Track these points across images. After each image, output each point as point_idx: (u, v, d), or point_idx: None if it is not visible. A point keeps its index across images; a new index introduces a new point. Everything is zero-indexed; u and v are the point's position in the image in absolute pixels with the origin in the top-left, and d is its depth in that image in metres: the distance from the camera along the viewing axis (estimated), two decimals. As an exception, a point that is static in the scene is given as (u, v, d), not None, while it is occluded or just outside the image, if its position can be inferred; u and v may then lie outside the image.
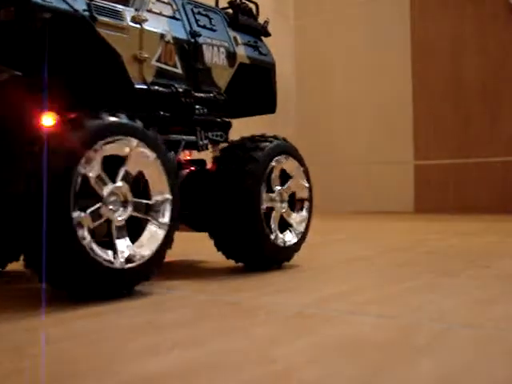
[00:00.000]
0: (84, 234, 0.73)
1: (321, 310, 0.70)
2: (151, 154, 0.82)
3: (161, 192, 0.84)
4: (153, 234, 0.83)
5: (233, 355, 0.51)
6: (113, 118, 0.78)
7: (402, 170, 3.99)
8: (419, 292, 0.83)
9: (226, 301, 0.77)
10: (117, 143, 0.78)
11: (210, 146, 1.12)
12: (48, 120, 0.77)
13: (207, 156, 1.14)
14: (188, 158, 1.15)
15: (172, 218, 0.85)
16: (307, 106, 4.71)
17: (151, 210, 0.83)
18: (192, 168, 1.09)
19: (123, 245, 0.79)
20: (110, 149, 0.77)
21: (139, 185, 0.83)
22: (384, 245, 1.57)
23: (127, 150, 0.79)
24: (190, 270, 1.10)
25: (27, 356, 0.51)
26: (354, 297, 0.79)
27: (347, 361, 0.49)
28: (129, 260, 0.78)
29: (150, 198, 0.83)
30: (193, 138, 1.06)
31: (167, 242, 0.84)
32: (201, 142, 1.07)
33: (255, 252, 1.02)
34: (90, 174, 0.74)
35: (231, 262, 1.07)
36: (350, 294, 0.81)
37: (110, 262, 0.75)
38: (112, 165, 0.79)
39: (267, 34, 1.28)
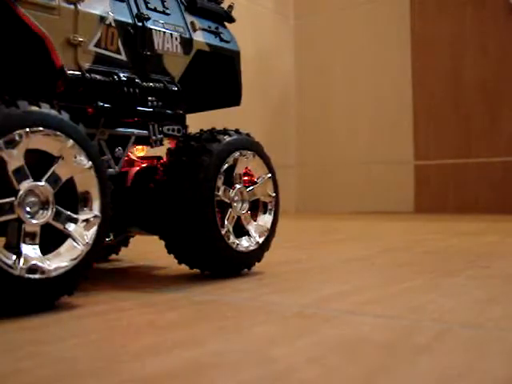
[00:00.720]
0: None
1: (321, 310, 0.70)
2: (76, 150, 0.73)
3: (85, 185, 0.74)
4: (71, 249, 0.72)
5: (233, 355, 0.51)
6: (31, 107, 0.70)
7: (402, 170, 3.99)
8: (419, 292, 0.83)
9: (225, 301, 0.77)
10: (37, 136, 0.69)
11: (165, 141, 1.03)
12: None
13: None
14: (141, 154, 1.07)
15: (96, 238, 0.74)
16: (307, 105, 4.71)
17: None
18: (142, 165, 1.00)
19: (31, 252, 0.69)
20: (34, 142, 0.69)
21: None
22: (384, 245, 1.58)
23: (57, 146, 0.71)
24: (190, 270, 1.10)
25: (27, 356, 0.51)
26: (354, 297, 0.79)
27: (347, 361, 0.49)
28: (34, 271, 0.67)
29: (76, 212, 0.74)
30: (145, 132, 0.98)
31: (86, 264, 0.73)
32: (154, 137, 1.00)
33: (217, 260, 0.93)
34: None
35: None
36: (350, 294, 0.81)
37: (10, 267, 0.65)
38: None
39: (231, 20, 1.17)
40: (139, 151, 1.05)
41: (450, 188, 4.02)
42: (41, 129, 0.69)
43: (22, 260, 0.67)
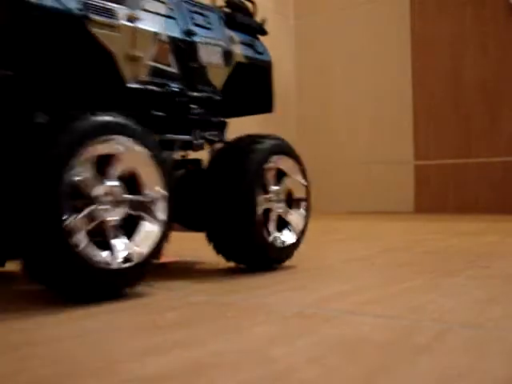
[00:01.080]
0: (79, 236, 0.73)
1: (321, 309, 0.70)
2: (144, 152, 0.82)
3: (155, 189, 0.83)
4: (149, 232, 0.82)
5: (233, 355, 0.51)
6: (106, 117, 0.78)
7: (402, 170, 3.99)
8: (419, 292, 0.83)
9: (225, 301, 0.77)
10: (109, 142, 0.77)
11: (205, 146, 1.08)
12: (39, 119, 0.77)
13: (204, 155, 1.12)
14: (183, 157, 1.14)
15: (168, 215, 0.84)
16: (307, 105, 4.71)
17: (139, 209, 0.82)
18: (188, 167, 1.08)
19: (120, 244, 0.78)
20: (103, 148, 0.77)
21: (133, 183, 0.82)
22: (384, 245, 1.57)
23: (120, 148, 0.79)
24: (190, 271, 1.10)
25: (27, 356, 0.51)
26: (354, 297, 0.79)
27: (347, 361, 0.49)
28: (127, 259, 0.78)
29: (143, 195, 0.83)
30: (188, 137, 1.04)
31: (164, 239, 0.84)
32: (196, 142, 1.06)
33: (260, 255, 1.01)
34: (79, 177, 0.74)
35: (231, 262, 1.07)
36: (350, 294, 0.81)
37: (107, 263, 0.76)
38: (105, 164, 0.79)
39: (264, 33, 1.26)
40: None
41: (449, 188, 4.02)
42: (115, 136, 0.78)
43: (116, 254, 0.77)
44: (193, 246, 1.47)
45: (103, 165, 0.78)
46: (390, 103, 4.17)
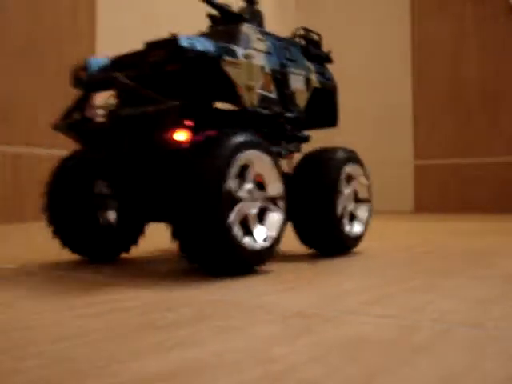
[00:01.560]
0: (236, 229, 0.95)
1: (321, 309, 0.70)
2: (269, 161, 1.05)
3: (276, 189, 1.06)
4: (275, 220, 1.05)
5: (233, 355, 0.51)
6: (247, 136, 1.00)
7: (402, 170, 3.99)
8: (419, 292, 0.83)
9: (225, 301, 0.77)
10: (249, 154, 0.99)
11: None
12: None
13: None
14: None
15: (285, 207, 1.07)
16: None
17: (271, 203, 1.06)
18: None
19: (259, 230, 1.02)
20: (245, 159, 0.99)
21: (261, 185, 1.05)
22: (384, 245, 1.58)
23: (254, 158, 1.01)
24: (190, 270, 1.10)
25: (27, 356, 0.51)
26: (354, 297, 0.79)
27: (347, 360, 0.49)
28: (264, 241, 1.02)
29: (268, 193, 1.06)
30: (279, 148, 1.27)
31: (284, 225, 1.08)
32: (283, 152, 1.29)
33: (336, 242, 1.26)
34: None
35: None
36: (350, 294, 0.81)
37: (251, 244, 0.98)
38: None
39: (330, 61, 1.50)
40: None
41: (449, 188, 4.02)
42: (253, 150, 1.00)
43: (257, 238, 1.00)
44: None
45: (242, 171, 1.00)
46: (390, 103, 4.17)
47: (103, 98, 1.12)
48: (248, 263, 0.99)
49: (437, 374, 0.45)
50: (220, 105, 1.24)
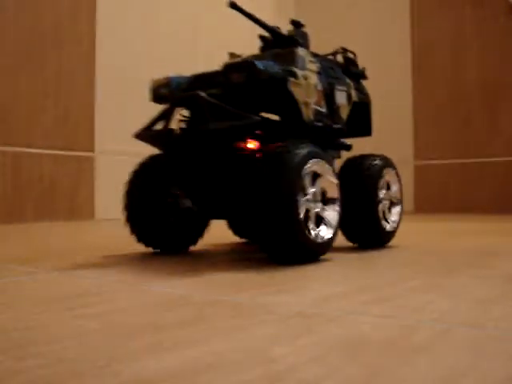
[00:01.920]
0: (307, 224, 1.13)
1: (321, 309, 0.70)
2: (328, 168, 1.21)
3: (334, 191, 1.23)
4: (333, 217, 1.22)
5: (233, 355, 0.51)
6: (314, 147, 1.17)
7: (402, 170, 3.99)
8: (419, 292, 0.83)
9: (226, 301, 0.77)
10: (314, 163, 1.15)
11: None
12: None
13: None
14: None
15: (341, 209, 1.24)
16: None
17: (330, 204, 1.22)
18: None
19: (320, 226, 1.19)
20: (313, 167, 1.15)
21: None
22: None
23: (319, 167, 1.17)
24: (190, 270, 1.10)
25: (27, 356, 0.51)
26: (353, 297, 0.79)
27: (347, 360, 0.49)
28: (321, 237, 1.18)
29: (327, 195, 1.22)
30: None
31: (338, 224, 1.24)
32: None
33: (376, 237, 1.45)
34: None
35: (231, 261, 1.06)
36: (350, 294, 0.81)
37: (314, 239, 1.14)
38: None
39: (366, 78, 1.66)
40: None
41: (450, 188, 4.02)
42: (317, 159, 1.17)
43: (319, 233, 1.17)
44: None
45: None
46: (390, 103, 4.17)
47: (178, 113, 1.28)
48: (315, 254, 1.17)
49: (437, 373, 0.45)
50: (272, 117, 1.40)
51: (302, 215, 1.10)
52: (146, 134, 1.27)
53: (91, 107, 3.45)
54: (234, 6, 1.34)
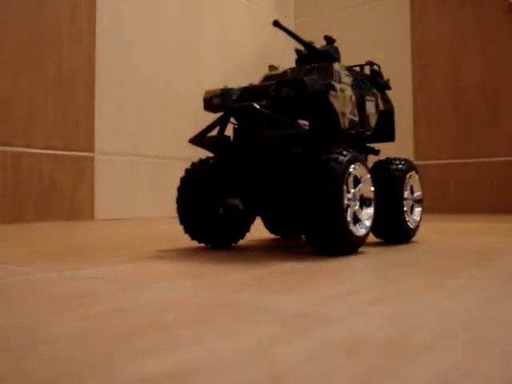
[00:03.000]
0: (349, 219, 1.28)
1: (321, 309, 0.70)
2: (365, 170, 1.38)
3: (369, 192, 1.40)
4: (370, 214, 1.39)
5: (233, 355, 0.51)
6: (354, 152, 1.33)
7: (402, 170, 3.99)
8: (419, 292, 0.83)
9: (225, 301, 0.77)
10: (355, 166, 1.32)
11: None
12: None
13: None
14: None
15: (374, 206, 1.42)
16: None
17: (366, 203, 1.38)
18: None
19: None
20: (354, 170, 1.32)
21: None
22: (383, 244, 1.58)
23: (357, 170, 1.34)
24: (190, 270, 1.10)
25: (27, 356, 0.51)
26: (354, 297, 0.79)
27: (347, 361, 0.49)
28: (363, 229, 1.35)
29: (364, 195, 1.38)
30: None
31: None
32: None
33: (401, 233, 1.60)
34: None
35: (231, 261, 1.06)
36: (350, 294, 0.81)
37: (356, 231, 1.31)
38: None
39: (390, 88, 1.84)
40: None
41: (449, 188, 4.02)
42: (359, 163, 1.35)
43: (358, 227, 1.34)
44: (193, 245, 1.46)
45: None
46: (390, 103, 4.15)
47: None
48: (355, 246, 1.33)
49: (437, 374, 0.45)
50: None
51: (345, 213, 1.26)
52: (201, 140, 1.42)
53: (91, 107, 3.45)
54: (277, 24, 1.54)
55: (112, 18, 3.57)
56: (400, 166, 1.60)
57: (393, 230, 1.58)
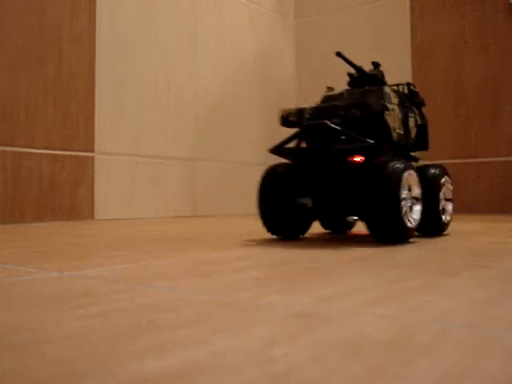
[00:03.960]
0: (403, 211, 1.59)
1: (321, 309, 0.70)
2: (415, 175, 1.68)
3: (418, 193, 1.70)
4: (418, 211, 1.70)
5: (233, 355, 0.51)
6: (408, 161, 1.67)
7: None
8: (419, 292, 0.83)
9: (225, 301, 0.77)
10: (408, 172, 1.62)
11: None
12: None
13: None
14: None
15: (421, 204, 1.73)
16: (307, 105, 4.68)
17: (416, 202, 1.70)
18: None
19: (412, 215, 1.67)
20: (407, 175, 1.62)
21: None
22: (384, 244, 1.58)
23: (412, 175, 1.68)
24: (190, 270, 1.10)
25: (27, 356, 0.51)
26: (354, 297, 0.79)
27: (347, 361, 0.49)
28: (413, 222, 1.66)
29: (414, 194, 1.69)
30: None
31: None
32: None
33: (437, 227, 1.90)
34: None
35: (231, 261, 1.06)
36: (350, 294, 0.81)
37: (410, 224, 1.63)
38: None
39: (424, 105, 2.10)
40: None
41: (449, 188, 4.00)
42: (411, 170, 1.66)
43: (411, 220, 1.64)
44: (193, 244, 1.46)
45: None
46: (390, 103, 4.15)
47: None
48: (409, 236, 1.62)
49: (437, 373, 0.45)
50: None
51: (402, 209, 1.55)
52: (281, 150, 1.73)
53: (91, 107, 3.45)
54: (339, 55, 1.82)
55: (112, 18, 3.57)
56: (436, 171, 1.89)
57: (430, 224, 1.86)
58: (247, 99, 4.55)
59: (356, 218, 1.86)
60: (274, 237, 1.87)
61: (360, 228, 2.21)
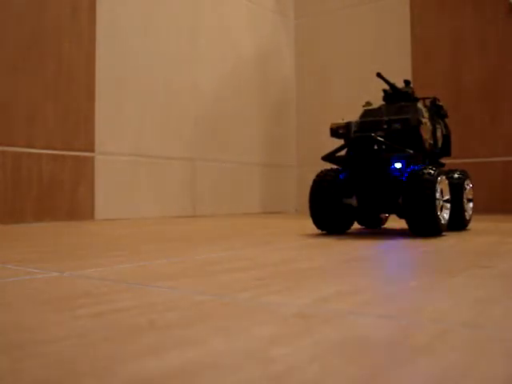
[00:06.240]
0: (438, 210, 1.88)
1: (321, 309, 0.70)
2: (445, 180, 1.97)
3: (448, 194, 1.98)
4: (447, 209, 1.98)
5: (233, 355, 0.51)
6: (441, 168, 2.00)
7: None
8: (419, 292, 0.83)
9: (225, 301, 0.77)
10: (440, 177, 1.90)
11: None
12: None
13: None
14: None
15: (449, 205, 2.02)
16: (307, 105, 4.70)
17: (446, 202, 1.98)
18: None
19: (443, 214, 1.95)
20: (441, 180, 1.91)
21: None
22: (384, 244, 1.58)
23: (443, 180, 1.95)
24: (190, 269, 1.10)
25: (27, 356, 0.51)
26: (354, 297, 0.79)
27: (347, 361, 0.49)
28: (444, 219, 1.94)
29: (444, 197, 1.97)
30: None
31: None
32: None
33: (461, 223, 2.17)
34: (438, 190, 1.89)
35: (232, 261, 1.06)
36: (350, 294, 0.81)
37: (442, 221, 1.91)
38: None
39: (447, 116, 2.37)
40: None
41: (449, 188, 4.00)
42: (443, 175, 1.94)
43: (443, 216, 1.94)
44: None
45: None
46: (390, 103, 4.15)
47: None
48: (442, 230, 1.88)
49: (437, 373, 0.45)
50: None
51: (437, 208, 1.82)
52: (332, 158, 2.01)
53: (91, 107, 3.45)
54: (379, 76, 2.07)
55: (112, 18, 3.57)
56: (460, 175, 2.15)
57: (455, 220, 2.13)
58: (247, 99, 4.55)
59: (387, 215, 2.15)
60: (319, 232, 2.13)
61: (390, 224, 2.57)
